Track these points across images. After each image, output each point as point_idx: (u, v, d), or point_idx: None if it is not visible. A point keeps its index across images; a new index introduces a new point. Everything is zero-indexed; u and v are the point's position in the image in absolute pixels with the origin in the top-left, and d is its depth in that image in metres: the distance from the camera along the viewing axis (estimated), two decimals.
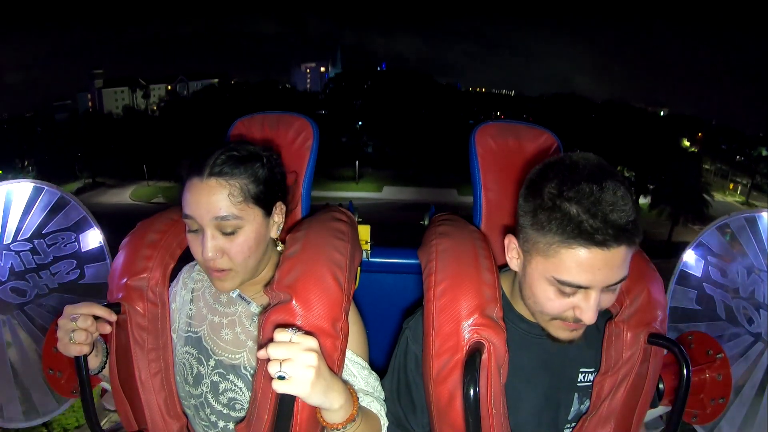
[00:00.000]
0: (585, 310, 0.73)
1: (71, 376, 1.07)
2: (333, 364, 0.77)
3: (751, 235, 1.18)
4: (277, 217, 0.88)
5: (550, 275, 0.73)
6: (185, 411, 0.96)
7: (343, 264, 0.83)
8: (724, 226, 1.24)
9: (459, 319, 0.79)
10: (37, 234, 1.30)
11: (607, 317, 0.86)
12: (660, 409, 1.01)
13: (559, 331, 0.80)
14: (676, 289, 1.28)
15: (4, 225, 1.29)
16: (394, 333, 0.98)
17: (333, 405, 0.71)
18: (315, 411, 0.75)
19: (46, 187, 1.34)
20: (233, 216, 0.80)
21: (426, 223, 1.08)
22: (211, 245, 0.81)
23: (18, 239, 1.28)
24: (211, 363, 0.92)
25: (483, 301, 0.80)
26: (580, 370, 0.88)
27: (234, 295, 0.93)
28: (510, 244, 0.81)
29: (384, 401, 0.90)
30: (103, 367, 0.93)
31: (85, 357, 0.83)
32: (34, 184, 1.33)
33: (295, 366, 0.65)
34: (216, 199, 0.80)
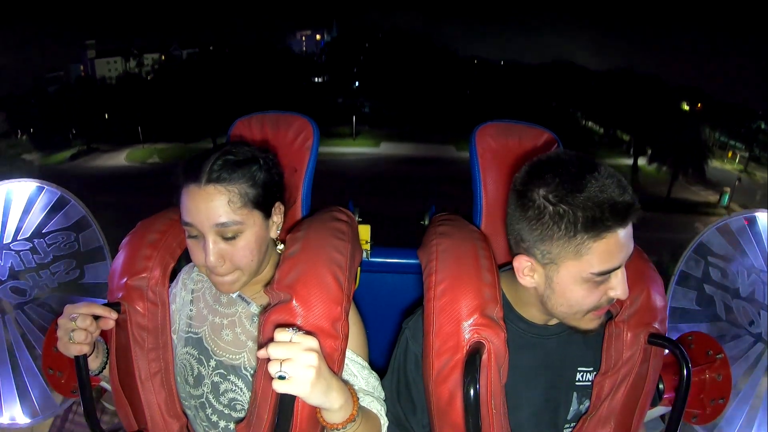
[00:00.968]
0: (618, 287, 0.75)
1: (71, 376, 1.07)
2: (333, 364, 0.77)
3: (751, 235, 1.18)
4: (277, 217, 0.88)
5: (586, 273, 0.73)
6: (185, 411, 0.96)
7: (343, 264, 0.83)
8: (724, 226, 1.24)
9: (459, 319, 0.79)
10: (37, 233, 1.30)
11: (607, 317, 0.86)
12: (660, 409, 1.02)
13: (593, 322, 0.80)
14: (676, 289, 1.28)
15: (4, 225, 1.29)
16: (394, 333, 0.98)
17: (333, 405, 0.71)
18: (315, 411, 0.75)
19: (47, 187, 1.34)
20: (234, 222, 0.80)
21: (426, 223, 1.08)
22: (214, 251, 0.81)
23: (18, 239, 1.29)
24: (212, 363, 0.92)
25: (483, 301, 0.80)
26: (579, 369, 0.88)
27: (234, 296, 0.93)
28: (524, 263, 0.79)
29: (384, 401, 0.90)
30: (104, 368, 0.93)
31: (85, 357, 0.83)
32: (34, 184, 1.33)
33: (296, 366, 0.65)
34: (215, 206, 0.79)
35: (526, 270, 0.79)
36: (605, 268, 0.72)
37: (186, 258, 0.96)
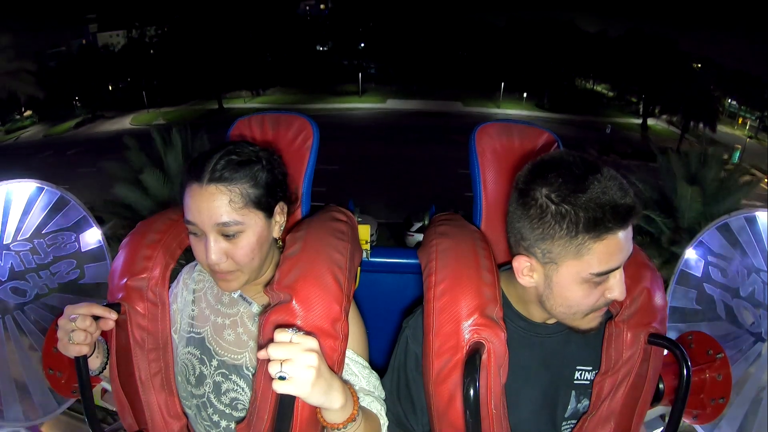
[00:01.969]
0: (616, 288, 0.75)
1: (71, 376, 1.07)
2: (333, 364, 0.77)
3: (751, 235, 1.18)
4: (279, 217, 0.89)
5: (585, 273, 0.73)
6: (186, 411, 0.96)
7: (343, 264, 0.83)
8: (725, 226, 1.24)
9: (459, 319, 0.79)
10: (37, 234, 1.30)
11: (607, 317, 0.86)
12: (660, 409, 1.02)
13: (593, 322, 0.80)
14: (676, 289, 1.28)
15: (4, 225, 1.29)
16: (394, 333, 0.98)
17: (333, 405, 0.71)
18: (315, 411, 0.75)
19: (46, 187, 1.34)
20: (235, 222, 0.80)
21: (426, 223, 1.08)
22: (215, 250, 0.81)
23: (18, 239, 1.29)
24: (214, 363, 0.92)
25: (483, 301, 0.80)
26: (578, 367, 0.88)
27: (235, 296, 0.93)
28: (524, 263, 0.79)
29: (384, 401, 0.90)
30: (104, 368, 0.93)
31: (85, 357, 0.83)
32: (34, 184, 1.33)
33: (296, 366, 0.65)
34: (217, 205, 0.79)
35: (526, 270, 0.79)
36: (605, 269, 0.73)
37: (185, 258, 0.96)
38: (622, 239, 0.72)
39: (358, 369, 0.87)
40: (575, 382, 0.88)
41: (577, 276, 0.74)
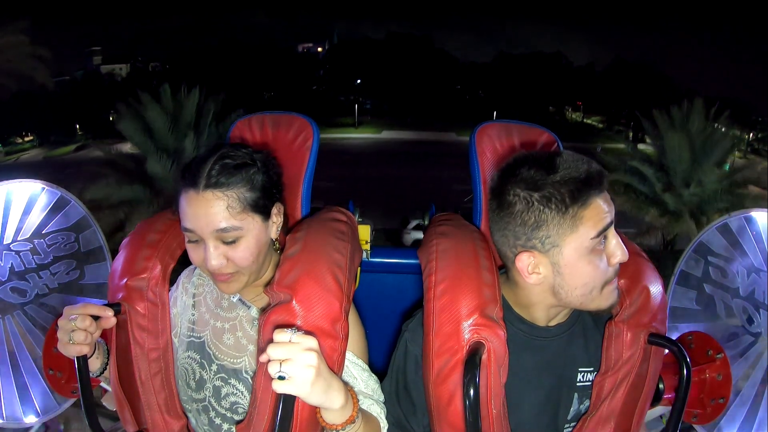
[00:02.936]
0: (617, 251, 0.77)
1: (71, 376, 1.07)
2: (333, 364, 0.77)
3: (751, 235, 1.18)
4: (276, 218, 0.88)
5: (586, 241, 0.75)
6: (186, 414, 0.96)
7: (343, 264, 0.83)
8: (724, 226, 1.24)
9: (459, 319, 0.79)
10: (37, 234, 1.30)
11: (607, 317, 0.86)
12: (660, 409, 1.02)
13: (611, 297, 0.80)
14: (676, 289, 1.28)
15: (4, 225, 1.29)
16: (393, 333, 0.98)
17: (333, 405, 0.71)
18: (315, 411, 0.75)
19: (46, 187, 1.34)
20: (233, 227, 0.80)
21: (426, 223, 1.08)
22: (215, 256, 0.80)
23: (18, 239, 1.29)
24: (214, 368, 0.92)
25: (483, 301, 0.80)
26: (579, 369, 0.88)
27: (235, 300, 0.93)
28: (527, 260, 0.79)
29: (384, 404, 0.89)
30: (104, 370, 0.93)
31: (85, 357, 0.83)
32: (34, 184, 1.33)
33: (295, 366, 0.65)
34: (214, 212, 0.79)
35: (531, 267, 0.79)
36: (600, 228, 0.75)
37: (185, 259, 0.96)
38: (603, 201, 0.76)
39: (357, 371, 0.87)
40: (578, 384, 0.88)
41: (581, 248, 0.75)
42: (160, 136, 7.20)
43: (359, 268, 1.01)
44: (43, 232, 1.31)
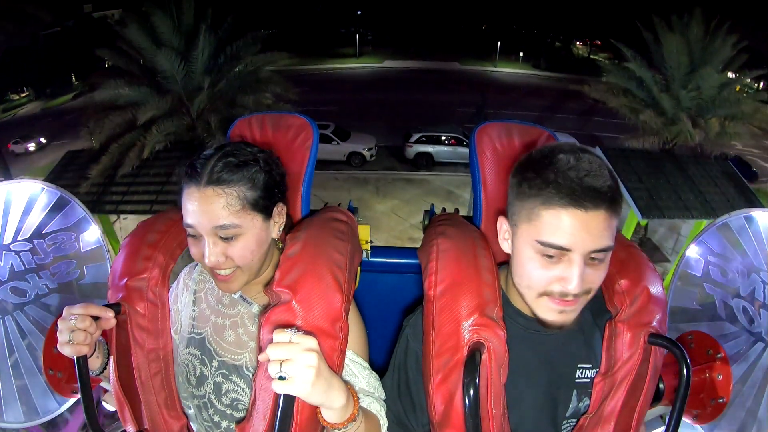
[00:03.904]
0: (569, 278, 0.73)
1: (71, 376, 1.07)
2: (333, 364, 0.77)
3: (751, 235, 1.18)
4: (278, 217, 0.88)
5: (533, 239, 0.74)
6: (186, 411, 0.96)
7: (343, 264, 0.83)
8: (724, 226, 1.24)
9: (459, 319, 0.79)
10: (37, 234, 1.30)
11: (607, 317, 0.86)
12: (660, 409, 1.02)
13: (547, 313, 0.78)
14: (676, 289, 1.28)
15: (4, 225, 1.29)
16: (394, 333, 0.98)
17: (333, 404, 0.71)
18: (315, 411, 0.75)
19: (46, 187, 1.34)
20: (232, 225, 0.80)
21: (426, 223, 1.08)
22: (213, 252, 0.81)
23: (18, 239, 1.29)
24: (214, 364, 0.92)
25: (483, 301, 0.80)
26: (578, 366, 0.88)
27: (236, 297, 0.93)
28: (502, 225, 0.83)
29: (384, 401, 0.90)
30: (104, 369, 0.93)
31: (85, 357, 0.83)
32: (34, 184, 1.33)
33: (295, 366, 0.65)
34: (214, 208, 0.79)
35: (505, 233, 0.82)
36: (549, 240, 0.72)
37: (185, 258, 0.96)
38: (574, 220, 0.70)
39: (357, 370, 0.87)
40: (576, 380, 0.88)
41: (529, 240, 0.75)
42: (166, 38, 7.63)
43: (359, 268, 1.01)
44: (43, 232, 1.31)
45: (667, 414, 0.94)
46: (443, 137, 12.22)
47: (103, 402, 1.17)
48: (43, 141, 15.87)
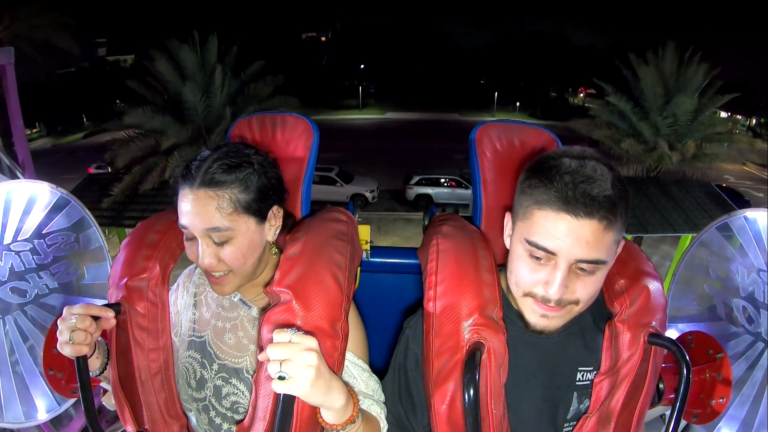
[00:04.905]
0: (551, 283, 0.73)
1: (71, 376, 1.07)
2: (333, 364, 0.77)
3: (751, 235, 1.18)
4: (274, 220, 0.88)
5: (523, 237, 0.75)
6: (186, 412, 0.96)
7: (343, 264, 0.83)
8: (724, 226, 1.24)
9: (459, 319, 0.79)
10: (37, 234, 1.30)
11: (607, 317, 0.86)
12: (660, 409, 1.01)
13: (531, 314, 0.79)
14: (676, 289, 1.28)
15: (4, 225, 1.29)
16: (394, 333, 0.98)
17: (333, 405, 0.71)
18: (315, 411, 0.75)
19: (47, 188, 1.34)
20: (224, 227, 0.80)
21: (426, 223, 1.08)
22: (205, 254, 0.81)
23: (18, 239, 1.29)
24: (215, 367, 0.92)
25: (483, 301, 0.80)
26: (579, 368, 0.88)
27: (236, 300, 0.93)
28: (508, 222, 0.83)
29: (384, 404, 0.89)
30: (104, 369, 0.93)
31: (85, 357, 0.83)
32: (34, 184, 1.33)
33: (295, 366, 0.65)
34: (206, 210, 0.79)
35: (508, 228, 0.83)
36: (536, 241, 0.73)
37: (185, 258, 0.96)
38: (564, 225, 0.70)
39: (357, 372, 0.87)
40: (577, 383, 0.88)
41: (520, 238, 0.76)
42: (190, 72, 8.56)
43: (359, 268, 1.01)
44: (43, 233, 1.30)
45: (667, 414, 0.94)
46: (442, 179, 12.46)
47: (103, 402, 1.17)
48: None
